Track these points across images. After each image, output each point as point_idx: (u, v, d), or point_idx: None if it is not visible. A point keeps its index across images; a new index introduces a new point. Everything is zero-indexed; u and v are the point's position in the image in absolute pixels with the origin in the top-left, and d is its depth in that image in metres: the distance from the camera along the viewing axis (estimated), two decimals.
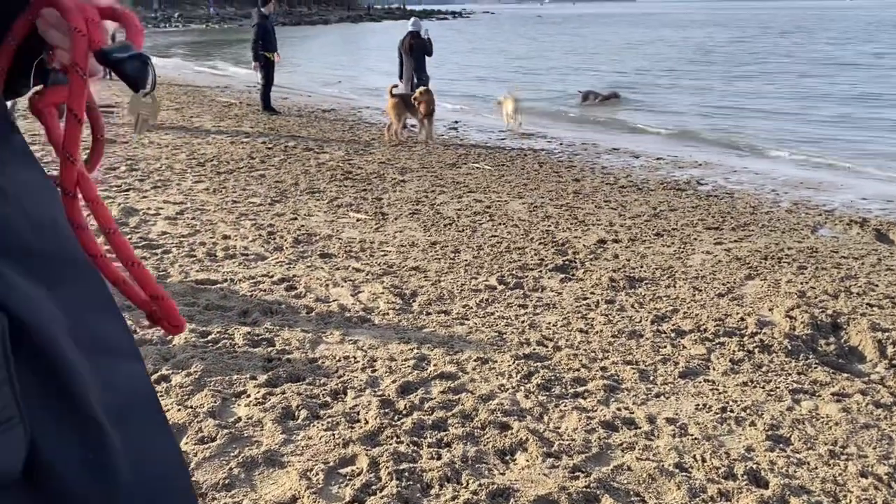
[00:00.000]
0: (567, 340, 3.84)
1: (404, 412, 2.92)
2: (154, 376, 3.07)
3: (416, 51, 11.54)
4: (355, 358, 3.41)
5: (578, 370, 3.46)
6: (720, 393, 3.28)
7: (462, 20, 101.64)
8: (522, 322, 4.07)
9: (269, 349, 3.45)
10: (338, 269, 4.84)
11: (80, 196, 0.84)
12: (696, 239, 5.97)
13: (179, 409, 2.84)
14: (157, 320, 0.91)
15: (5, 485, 0.68)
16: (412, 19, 12.14)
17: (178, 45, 40.83)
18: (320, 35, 56.01)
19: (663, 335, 3.96)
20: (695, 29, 59.69)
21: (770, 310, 4.33)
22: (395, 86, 11.09)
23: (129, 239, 5.15)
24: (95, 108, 0.87)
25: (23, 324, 0.69)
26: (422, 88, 10.89)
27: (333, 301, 4.21)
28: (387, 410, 2.92)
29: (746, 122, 13.82)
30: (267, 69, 12.94)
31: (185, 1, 75.65)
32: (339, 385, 3.12)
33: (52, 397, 0.71)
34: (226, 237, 5.42)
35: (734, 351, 3.74)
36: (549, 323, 4.09)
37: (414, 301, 4.30)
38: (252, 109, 13.51)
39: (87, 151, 0.97)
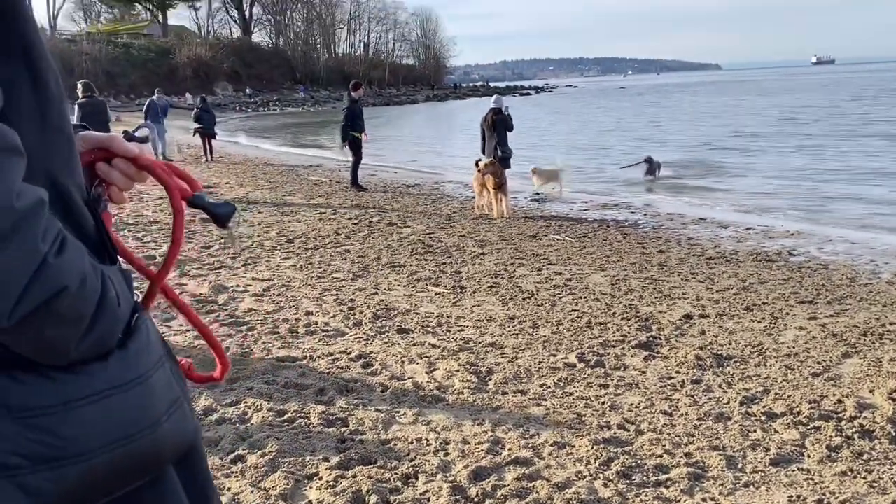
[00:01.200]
0: (650, 424, 3.68)
1: (475, 500, 2.84)
2: (230, 456, 3.12)
3: (498, 126, 11.82)
4: (428, 440, 3.36)
5: (661, 456, 3.29)
6: (816, 483, 3.04)
7: (545, 94, 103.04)
8: (603, 403, 3.93)
9: (343, 429, 3.46)
10: (414, 344, 4.85)
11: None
12: (788, 314, 5.68)
13: (253, 492, 2.86)
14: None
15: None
16: (494, 97, 12.53)
17: (274, 128, 42.99)
18: (408, 114, 58.00)
19: (753, 418, 3.74)
20: (780, 95, 58.24)
21: (871, 391, 4.03)
22: (480, 159, 11.27)
23: (217, 316, 5.35)
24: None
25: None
26: (487, 160, 10.89)
27: (408, 379, 4.20)
28: (457, 498, 2.85)
29: (836, 193, 13.21)
30: (355, 148, 13.49)
31: (282, 86, 79.99)
32: (411, 469, 3.08)
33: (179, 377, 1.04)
34: (308, 313, 5.54)
35: (831, 436, 3.48)
36: (632, 404, 3.93)
37: (490, 379, 4.24)
38: (341, 187, 14.00)
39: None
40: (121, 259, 1.06)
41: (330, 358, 4.51)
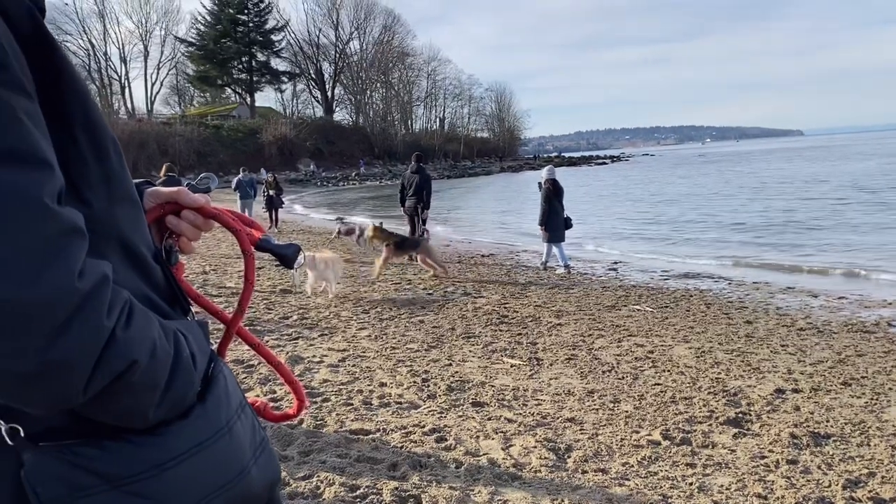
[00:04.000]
0: None
1: None
2: None
3: (561, 193, 12.37)
4: None
5: None
6: None
7: (620, 164, 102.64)
8: (690, 484, 3.69)
9: None
10: (489, 419, 4.71)
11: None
12: (891, 389, 5.28)
13: None
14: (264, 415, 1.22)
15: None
16: (548, 167, 13.04)
17: (352, 201, 44.12)
18: (483, 185, 58.64)
19: None
20: (861, 161, 56.01)
21: None
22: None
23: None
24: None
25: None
26: (375, 224, 12.22)
27: (483, 455, 4.06)
28: None
29: None
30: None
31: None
32: None
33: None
34: (382, 384, 5.49)
35: None
36: (722, 486, 3.68)
37: (568, 457, 4.06)
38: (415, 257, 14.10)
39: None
40: (194, 305, 1.10)
41: (403, 431, 4.42)
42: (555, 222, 12.13)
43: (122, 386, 0.81)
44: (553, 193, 12.21)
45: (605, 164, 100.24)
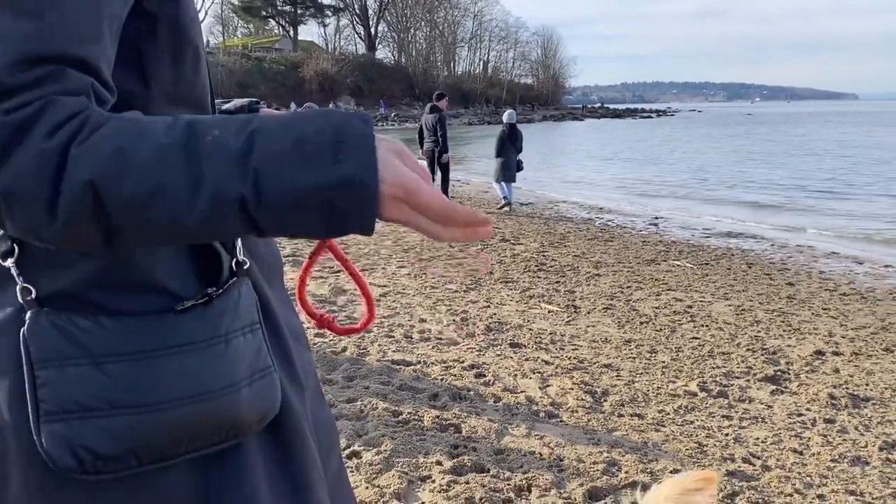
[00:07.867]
0: (778, 460, 3.46)
1: None
2: (346, 452, 3.17)
3: (518, 139, 13.48)
4: (541, 454, 3.29)
5: (791, 496, 3.09)
6: None
7: (665, 118, 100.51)
8: (726, 435, 3.74)
9: (456, 435, 3.45)
10: (527, 359, 4.79)
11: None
12: None
13: (367, 487, 2.89)
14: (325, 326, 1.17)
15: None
16: (508, 112, 14.18)
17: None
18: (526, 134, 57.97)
19: (895, 465, 3.44)
20: None
21: None
22: None
23: (336, 316, 5.47)
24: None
25: (266, 305, 1.00)
26: None
27: (521, 392, 4.15)
28: None
29: None
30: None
31: (401, 102, 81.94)
32: (524, 481, 3.02)
33: (282, 359, 1.01)
34: (422, 320, 5.59)
35: None
36: (757, 438, 3.72)
37: (605, 400, 4.12)
38: (456, 202, 14.09)
39: None
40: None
41: (443, 365, 4.52)
42: (507, 163, 13.25)
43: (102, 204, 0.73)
44: (508, 137, 13.39)
45: (649, 117, 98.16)
